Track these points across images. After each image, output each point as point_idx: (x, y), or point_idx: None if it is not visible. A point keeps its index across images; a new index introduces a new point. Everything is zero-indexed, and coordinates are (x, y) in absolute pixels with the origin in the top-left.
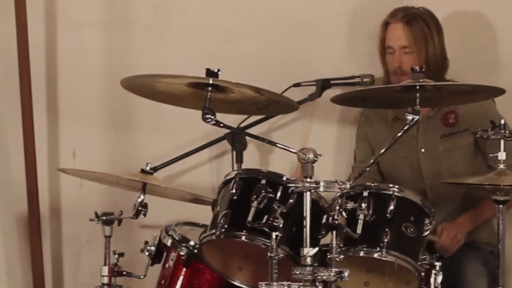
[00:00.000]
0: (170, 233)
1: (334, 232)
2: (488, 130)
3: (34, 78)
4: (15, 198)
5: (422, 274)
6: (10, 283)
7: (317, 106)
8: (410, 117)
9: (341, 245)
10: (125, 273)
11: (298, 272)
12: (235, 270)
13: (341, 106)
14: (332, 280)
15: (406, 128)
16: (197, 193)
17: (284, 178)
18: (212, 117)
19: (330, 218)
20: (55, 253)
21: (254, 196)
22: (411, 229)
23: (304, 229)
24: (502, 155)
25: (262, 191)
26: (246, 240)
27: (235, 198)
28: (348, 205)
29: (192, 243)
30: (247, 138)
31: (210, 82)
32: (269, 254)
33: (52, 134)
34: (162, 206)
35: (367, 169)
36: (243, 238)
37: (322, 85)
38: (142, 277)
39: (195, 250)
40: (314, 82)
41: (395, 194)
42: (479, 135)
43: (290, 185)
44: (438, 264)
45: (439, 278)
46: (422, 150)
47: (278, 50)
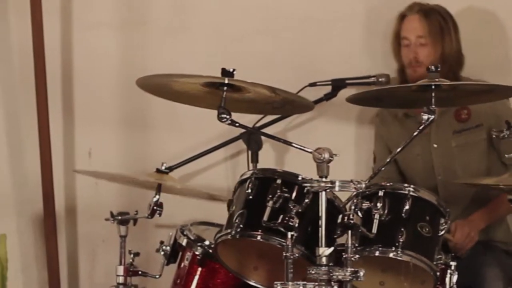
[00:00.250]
0: (185, 232)
1: (349, 231)
2: (503, 130)
3: (50, 78)
4: (31, 198)
5: (438, 273)
6: (26, 282)
7: (332, 105)
8: (425, 116)
9: (356, 244)
10: (140, 272)
11: (313, 271)
12: (251, 270)
13: (356, 106)
14: (347, 279)
15: (421, 128)
16: (212, 192)
17: (299, 178)
18: (227, 116)
19: (346, 217)
20: (71, 252)
21: (270, 195)
22: (427, 228)
23: (319, 228)
24: None
25: (278, 191)
26: (261, 239)
27: (251, 197)
28: (363, 204)
29: (207, 243)
30: (263, 137)
31: (226, 81)
32: (284, 254)
33: (67, 134)
34: (177, 205)
35: (383, 168)
36: (259, 237)
37: (338, 84)
38: (157, 276)
39: (211, 250)
40: (330, 82)
41: (411, 193)
42: (494, 135)
43: (305, 184)
44: (453, 263)
45: (454, 278)
46: (435, 145)
47: (293, 50)
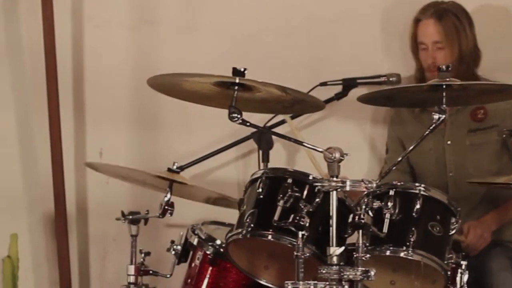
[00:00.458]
0: (196, 232)
1: (360, 231)
2: None
3: (61, 77)
4: (42, 198)
5: (449, 273)
6: (37, 282)
7: (343, 105)
8: (436, 116)
9: (367, 244)
10: (151, 272)
11: (324, 271)
12: (261, 269)
13: (368, 105)
14: (358, 279)
15: (432, 127)
16: (223, 192)
17: (310, 177)
18: (238, 116)
19: (357, 217)
20: (82, 252)
21: (281, 195)
22: (437, 228)
23: (330, 228)
24: None
25: (289, 190)
26: (272, 239)
27: (262, 197)
28: (374, 204)
29: (218, 242)
30: (273, 137)
31: (237, 81)
32: (295, 253)
33: (78, 133)
34: (188, 205)
35: (394, 168)
36: (270, 237)
37: (348, 84)
38: (168, 276)
39: (222, 249)
40: (340, 81)
41: (421, 193)
42: (505, 135)
43: (316, 184)
44: (464, 263)
45: (465, 277)
46: (448, 142)
47: (304, 49)
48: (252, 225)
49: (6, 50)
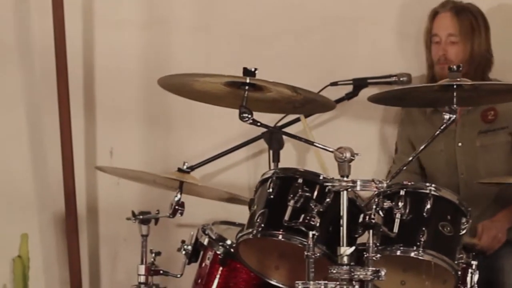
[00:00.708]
0: (207, 232)
1: (370, 231)
2: None
3: (72, 77)
4: (53, 198)
5: (459, 273)
6: (48, 282)
7: (354, 105)
8: (447, 116)
9: (377, 244)
10: (161, 272)
11: (335, 271)
12: (272, 269)
13: (378, 105)
14: (368, 279)
15: (443, 127)
16: (233, 192)
17: (321, 177)
18: (249, 116)
19: (367, 217)
20: (92, 251)
21: (291, 195)
22: (448, 228)
23: (340, 228)
24: None
25: (299, 190)
26: (283, 239)
27: (272, 197)
28: (384, 204)
29: (228, 242)
30: (284, 137)
31: (247, 81)
32: (306, 253)
33: (89, 132)
34: (199, 205)
35: (404, 168)
36: (280, 237)
37: (359, 84)
38: (178, 276)
39: (232, 249)
40: (351, 81)
41: (432, 193)
42: None
43: (327, 184)
44: (474, 262)
45: (476, 277)
46: (459, 144)
47: (315, 49)
48: (262, 225)
49: (17, 49)
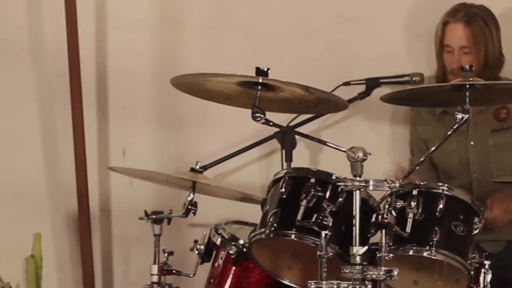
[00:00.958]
0: (219, 231)
1: (383, 230)
2: None
3: (84, 77)
4: (66, 197)
5: (472, 272)
6: (61, 281)
7: (366, 104)
8: (459, 116)
9: (390, 243)
10: (174, 271)
11: (347, 271)
12: (284, 269)
13: (391, 105)
14: (381, 279)
15: (455, 127)
16: (246, 191)
17: (333, 177)
18: (261, 115)
19: (380, 216)
20: (105, 251)
21: (304, 195)
22: (461, 227)
23: (353, 227)
24: None
25: (312, 190)
26: (295, 239)
27: (285, 197)
28: (397, 203)
29: (241, 242)
30: (297, 136)
31: (260, 81)
32: (318, 253)
33: (102, 133)
34: (211, 205)
35: (417, 168)
36: (293, 236)
37: (372, 84)
38: (191, 275)
39: (245, 249)
40: (364, 81)
41: (445, 192)
42: None
43: (339, 184)
44: (487, 262)
45: (489, 277)
46: (472, 143)
47: (327, 49)
48: (275, 224)
49: (30, 49)
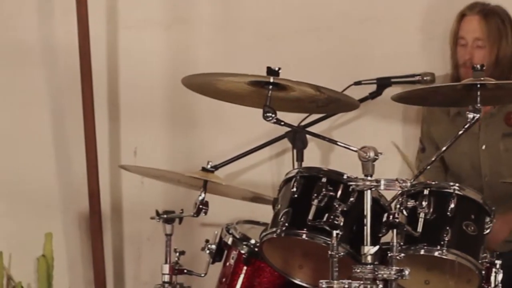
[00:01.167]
0: (231, 231)
1: (394, 230)
2: None
3: (96, 77)
4: (77, 197)
5: (483, 272)
6: (72, 281)
7: (377, 104)
8: (471, 115)
9: (401, 243)
10: (186, 271)
11: (358, 270)
12: (296, 268)
13: (402, 104)
14: (392, 278)
15: (467, 126)
16: (257, 191)
17: (344, 177)
18: (272, 115)
19: (391, 216)
20: (116, 251)
21: (315, 194)
22: (472, 227)
23: (364, 227)
24: None
25: (323, 190)
26: (306, 238)
27: (296, 196)
28: (408, 203)
29: (253, 242)
30: (308, 136)
31: (271, 80)
32: (329, 252)
33: (113, 132)
34: (223, 204)
35: (428, 167)
36: (304, 236)
37: (383, 83)
38: (202, 275)
39: (256, 249)
40: (375, 81)
41: (456, 192)
42: None
43: (351, 183)
44: (498, 262)
45: (500, 276)
46: (483, 147)
47: (339, 48)
48: (286, 224)
49: (41, 50)
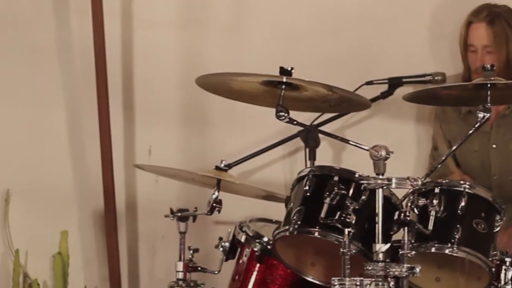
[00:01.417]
0: (244, 229)
1: (405, 228)
2: None
3: (111, 77)
4: (92, 195)
5: (493, 269)
6: (87, 278)
7: (389, 104)
8: (481, 114)
9: (412, 241)
10: (199, 268)
11: (370, 267)
12: (308, 266)
13: (413, 104)
14: (404, 275)
15: (477, 125)
16: (270, 189)
17: (356, 175)
18: (285, 114)
19: (402, 214)
20: (131, 248)
21: (327, 192)
22: (482, 225)
23: (376, 225)
24: None
25: (335, 188)
26: (319, 236)
27: (308, 194)
28: (419, 201)
29: (265, 239)
30: (320, 135)
31: (284, 80)
32: (341, 250)
33: (128, 131)
34: (236, 202)
35: (439, 166)
36: (316, 234)
37: (394, 83)
38: (216, 272)
39: (269, 246)
40: (386, 80)
41: (466, 190)
42: None
43: (362, 182)
44: (508, 259)
45: (510, 274)
46: (494, 146)
47: (351, 49)
48: (299, 222)
49: (57, 50)
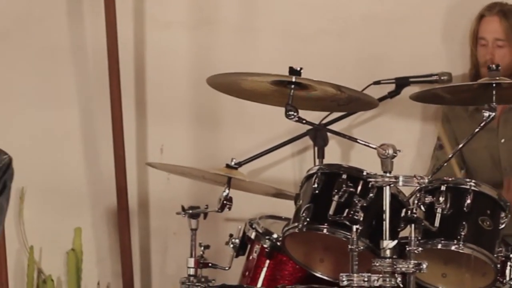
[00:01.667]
0: (254, 226)
1: (412, 225)
2: None
3: (123, 76)
4: (105, 193)
5: (498, 266)
6: (100, 274)
7: (396, 103)
8: (486, 114)
9: (419, 237)
10: (210, 264)
11: (377, 264)
12: (317, 262)
13: (420, 103)
14: (410, 271)
15: (482, 124)
16: (280, 187)
17: (364, 173)
18: (294, 113)
19: (409, 211)
20: (143, 245)
21: (335, 190)
22: (488, 222)
23: (383, 222)
24: None
25: (343, 186)
26: (327, 232)
27: (317, 192)
28: (426, 199)
29: (275, 236)
30: (329, 134)
31: (293, 80)
32: (349, 247)
33: (140, 130)
34: (246, 200)
35: (445, 164)
36: (325, 231)
37: (401, 83)
38: (227, 268)
39: (278, 243)
40: (393, 80)
41: (472, 188)
42: None
43: (370, 179)
44: None
45: None
46: (502, 140)
47: (359, 49)
48: (308, 219)
49: (71, 51)
